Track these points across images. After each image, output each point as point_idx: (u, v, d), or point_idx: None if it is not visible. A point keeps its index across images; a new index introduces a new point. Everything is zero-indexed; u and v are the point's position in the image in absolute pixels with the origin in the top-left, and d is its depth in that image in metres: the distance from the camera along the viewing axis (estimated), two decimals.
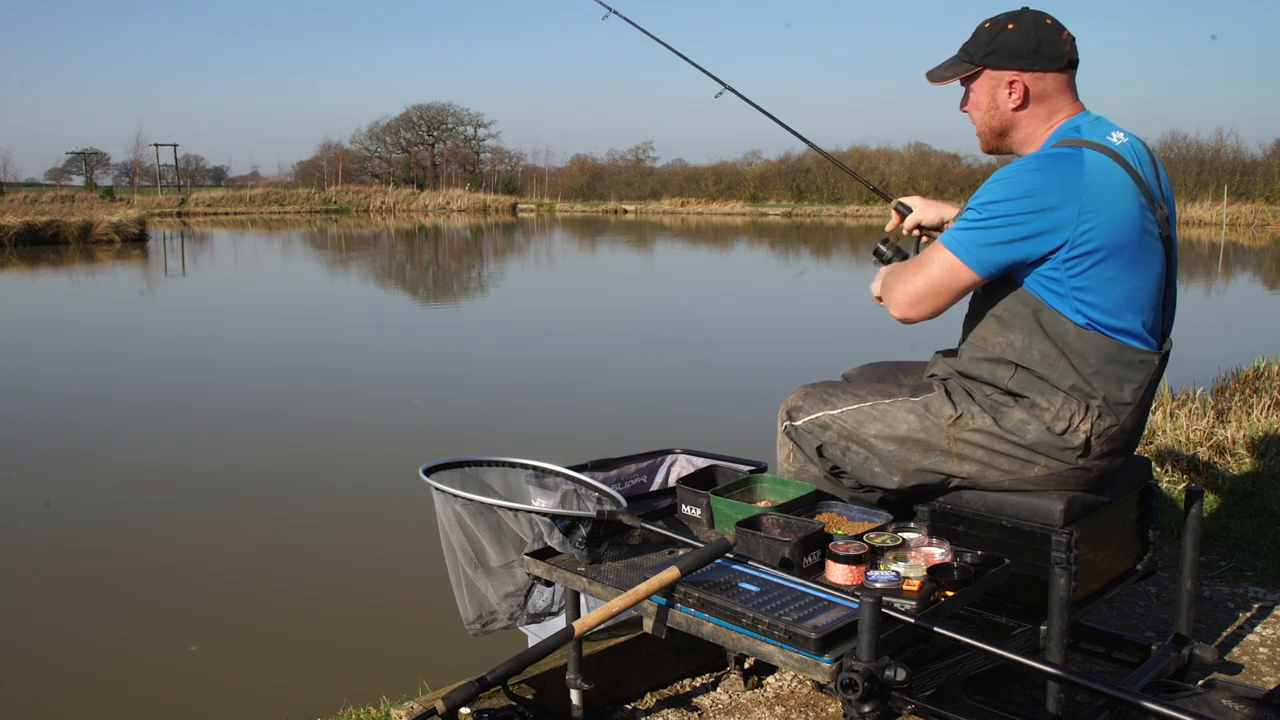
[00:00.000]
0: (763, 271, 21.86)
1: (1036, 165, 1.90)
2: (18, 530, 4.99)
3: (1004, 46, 1.98)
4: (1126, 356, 1.92)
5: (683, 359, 9.80)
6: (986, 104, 2.04)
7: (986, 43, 2.00)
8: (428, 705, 2.04)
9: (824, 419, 2.11)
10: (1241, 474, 4.09)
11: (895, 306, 2.01)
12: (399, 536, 4.64)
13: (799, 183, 51.02)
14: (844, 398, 2.11)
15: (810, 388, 2.19)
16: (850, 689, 1.46)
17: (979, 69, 2.02)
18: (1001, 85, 2.01)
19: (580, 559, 1.97)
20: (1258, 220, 34.31)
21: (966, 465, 2.00)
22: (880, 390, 2.11)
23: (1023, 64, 1.98)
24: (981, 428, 1.97)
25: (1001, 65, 1.99)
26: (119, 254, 24.58)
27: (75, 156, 61.53)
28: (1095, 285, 1.88)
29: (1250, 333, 10.58)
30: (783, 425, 2.21)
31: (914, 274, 1.97)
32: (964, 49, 2.05)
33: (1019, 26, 1.98)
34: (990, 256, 1.90)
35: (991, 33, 2.00)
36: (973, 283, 1.94)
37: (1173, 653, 2.25)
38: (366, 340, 11.46)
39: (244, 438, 6.87)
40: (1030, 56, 1.97)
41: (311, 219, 42.29)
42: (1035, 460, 1.96)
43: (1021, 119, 2.02)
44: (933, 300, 1.96)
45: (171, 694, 3.42)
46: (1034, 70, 1.98)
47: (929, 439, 2.01)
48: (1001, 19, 2.01)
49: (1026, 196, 1.86)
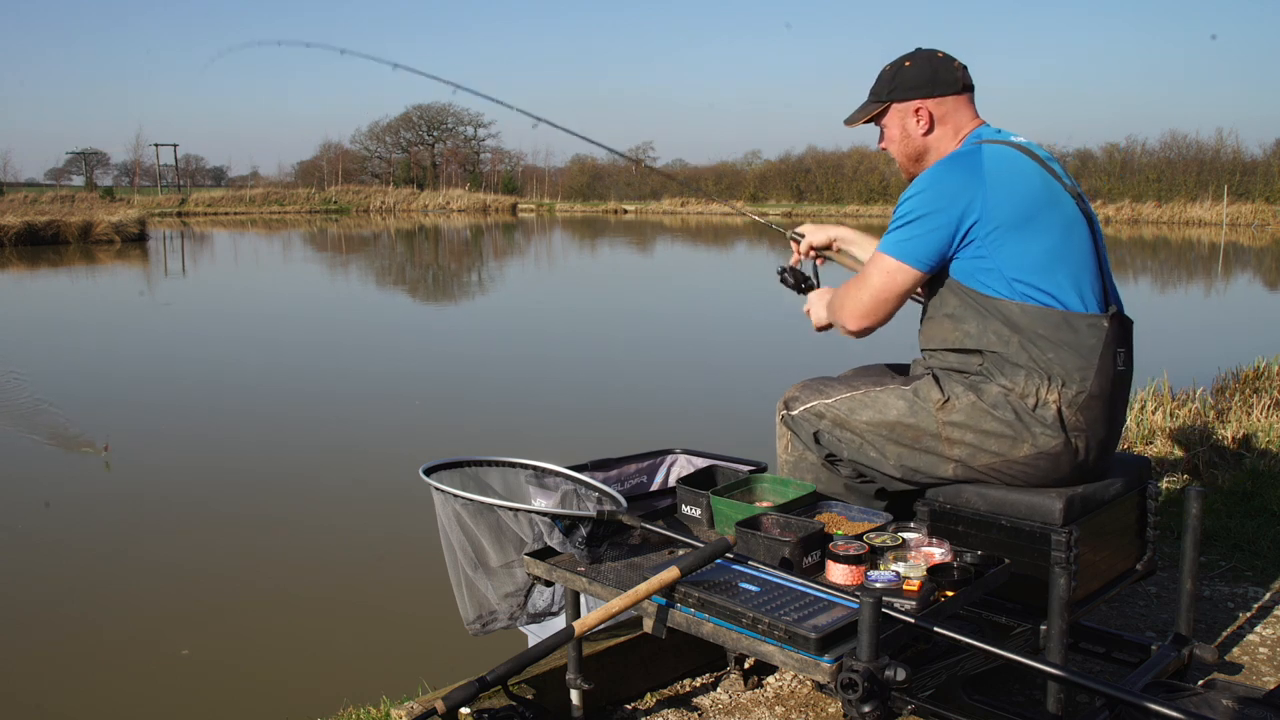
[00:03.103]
0: (763, 270, 21.85)
1: (943, 165, 2.09)
2: (18, 530, 4.99)
3: (904, 81, 2.18)
4: (1074, 322, 1.99)
5: (683, 359, 9.79)
6: (900, 135, 2.22)
7: (889, 81, 2.20)
8: (428, 705, 2.04)
9: (819, 408, 2.19)
10: (1241, 474, 4.09)
11: (848, 321, 2.14)
12: (399, 536, 4.64)
13: (799, 183, 51.04)
14: (838, 388, 2.20)
15: (807, 381, 2.28)
16: (850, 689, 1.46)
17: (886, 105, 2.21)
18: (909, 115, 2.19)
19: (580, 559, 1.97)
20: (1258, 220, 34.31)
21: (957, 449, 2.04)
22: (873, 380, 2.20)
23: (924, 92, 2.17)
24: (967, 407, 2.02)
25: (905, 97, 2.18)
26: (119, 254, 24.57)
27: (75, 156, 61.64)
28: (1016, 252, 2.00)
29: (1250, 333, 10.59)
30: (780, 415, 2.28)
31: (858, 288, 2.12)
32: (871, 92, 2.25)
33: (914, 63, 2.19)
34: (921, 249, 2.03)
35: (892, 72, 2.21)
36: (914, 279, 2.07)
37: (1173, 653, 2.25)
38: (367, 340, 11.46)
39: (244, 437, 6.87)
40: (929, 85, 2.17)
41: (311, 219, 42.28)
42: (1021, 437, 1.99)
43: (931, 142, 2.19)
44: (881, 308, 2.10)
45: (172, 694, 3.42)
46: (934, 96, 2.17)
47: (919, 423, 2.06)
48: (898, 60, 2.22)
49: (936, 189, 2.03)
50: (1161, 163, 40.19)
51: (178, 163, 58.24)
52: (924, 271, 2.06)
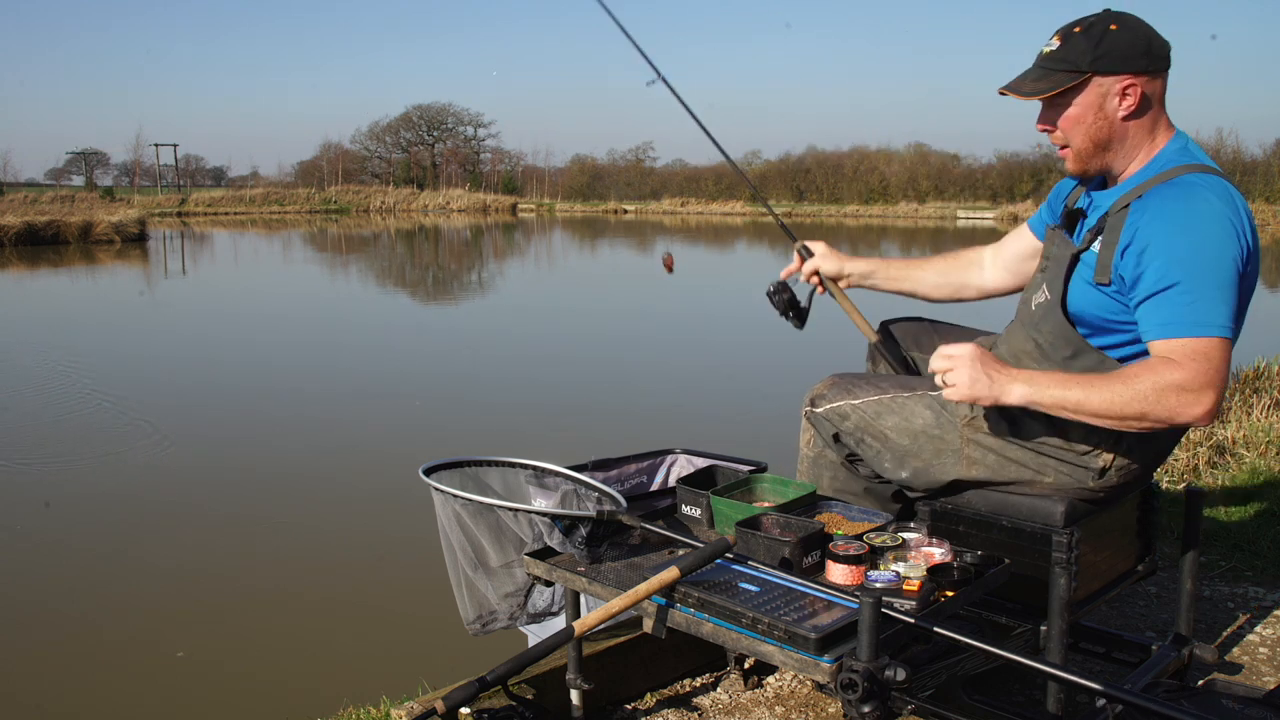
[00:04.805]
0: (763, 270, 21.85)
1: (1226, 204, 1.76)
2: (18, 530, 4.99)
3: (1114, 48, 1.80)
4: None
5: (683, 359, 9.79)
6: (1092, 115, 1.84)
7: (1091, 47, 1.80)
8: (428, 705, 2.04)
9: (844, 408, 2.10)
10: (1241, 474, 4.10)
11: (1204, 418, 1.73)
12: (399, 536, 4.64)
13: (799, 183, 51.04)
14: (866, 389, 2.09)
15: (837, 377, 2.17)
16: (850, 689, 1.46)
17: (1087, 75, 1.81)
18: (1113, 92, 1.82)
19: (580, 559, 1.97)
20: (1258, 220, 34.29)
21: (975, 469, 1.99)
22: (902, 383, 2.09)
23: (1138, 66, 1.80)
24: (995, 432, 1.95)
25: (1114, 69, 1.80)
26: (119, 254, 24.57)
27: (75, 156, 61.64)
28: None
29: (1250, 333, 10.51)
30: (804, 410, 2.20)
31: (1199, 380, 1.70)
32: (1055, 58, 1.84)
33: (1122, 27, 1.81)
34: (1238, 319, 1.77)
35: (1093, 36, 1.81)
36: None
37: (1173, 653, 2.25)
38: (367, 340, 11.46)
39: (243, 437, 6.87)
40: (1144, 57, 1.81)
41: (311, 219, 42.28)
42: (1045, 474, 1.95)
43: (1130, 129, 1.85)
44: (1222, 388, 1.74)
45: (172, 694, 3.41)
46: (1148, 73, 1.82)
47: (943, 435, 2.00)
48: (1098, 21, 1.83)
49: (1240, 241, 1.75)
50: None
51: (178, 163, 58.35)
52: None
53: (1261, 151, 40.16)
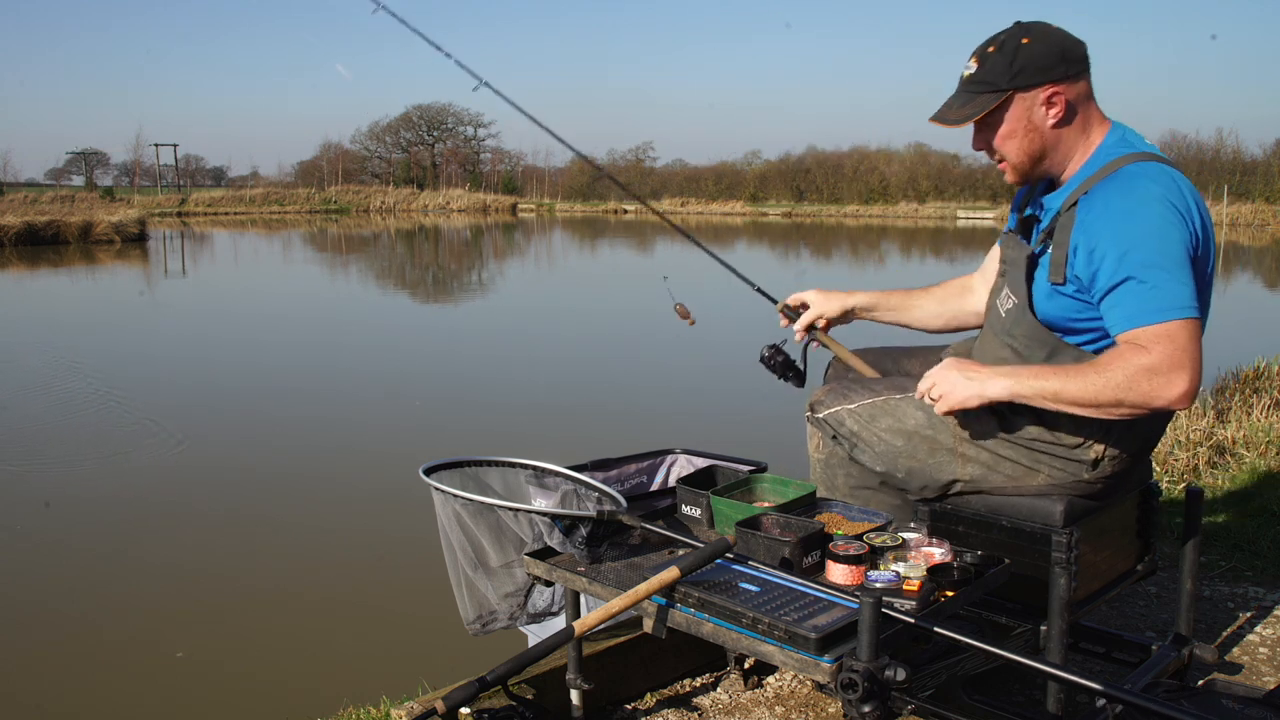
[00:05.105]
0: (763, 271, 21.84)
1: (1167, 189, 1.78)
2: (18, 530, 4.99)
3: (1030, 62, 1.82)
4: None
5: (683, 359, 9.79)
6: (1022, 129, 1.87)
7: (1008, 64, 1.82)
8: (428, 705, 2.04)
9: (841, 413, 2.12)
10: (1241, 474, 4.10)
11: (1182, 399, 1.73)
12: (399, 536, 4.64)
13: (799, 183, 51.05)
14: (861, 393, 2.12)
15: (834, 383, 2.21)
16: (850, 689, 1.46)
17: (1008, 93, 1.84)
18: (1038, 104, 1.85)
19: (580, 559, 1.97)
20: (1257, 220, 34.29)
21: (970, 467, 2.00)
22: (896, 385, 2.11)
23: (1056, 74, 1.83)
24: (987, 430, 1.97)
25: (1034, 82, 1.83)
26: (119, 254, 24.57)
27: (75, 156, 61.67)
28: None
29: (1250, 333, 10.56)
30: (807, 416, 2.21)
31: (1168, 362, 1.71)
32: (976, 80, 1.86)
33: (1034, 39, 1.83)
34: (1201, 298, 1.77)
35: (1007, 53, 1.83)
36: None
37: (1173, 653, 2.25)
38: (367, 340, 11.46)
39: (244, 437, 6.87)
40: (1061, 64, 1.83)
41: (311, 219, 42.28)
42: (1039, 469, 1.96)
43: (1063, 135, 1.88)
44: (1199, 369, 1.74)
45: (172, 694, 3.42)
46: (1067, 79, 1.84)
47: (935, 436, 2.01)
48: (1009, 38, 1.85)
49: (1186, 221, 1.76)
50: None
51: (178, 163, 58.37)
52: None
53: (1261, 151, 40.24)
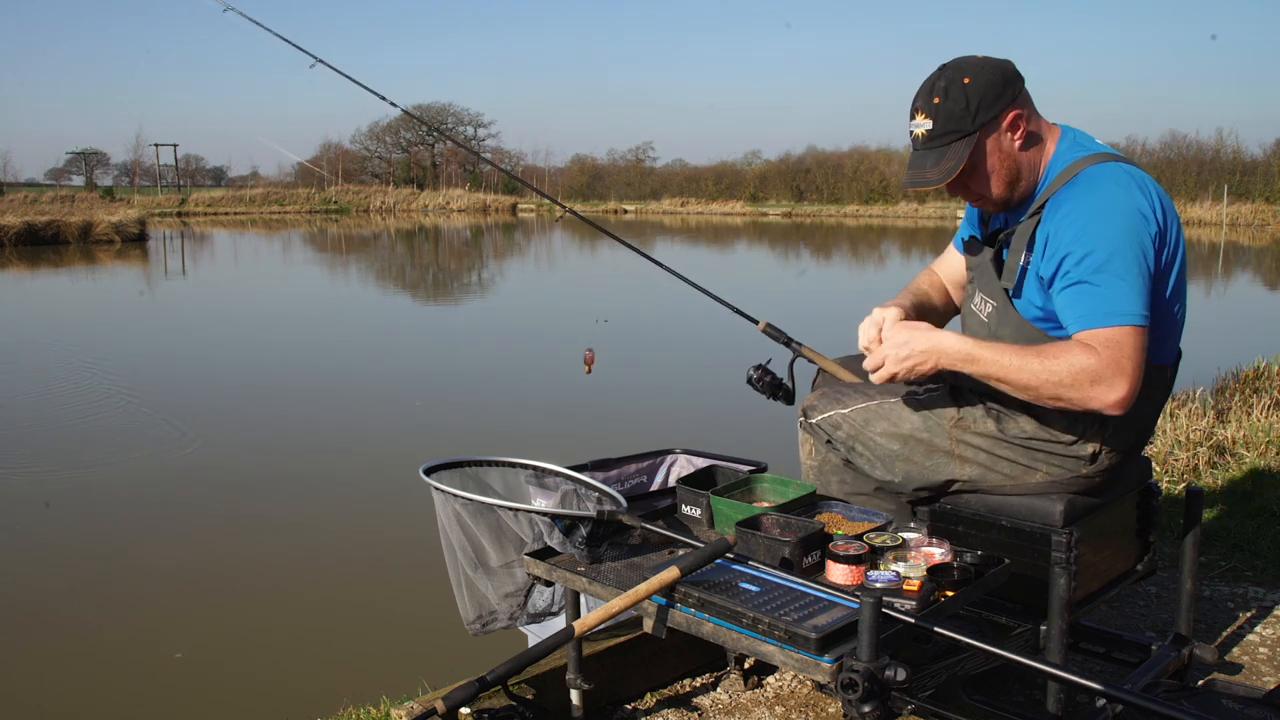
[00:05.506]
0: (762, 271, 21.85)
1: (1126, 190, 1.81)
2: (17, 530, 4.99)
3: (983, 97, 1.85)
4: (1153, 376, 1.87)
5: (683, 359, 9.79)
6: (997, 161, 1.89)
7: (964, 108, 1.85)
8: (428, 705, 2.04)
9: (835, 418, 2.12)
10: (1241, 474, 4.10)
11: (1117, 406, 1.75)
12: (399, 536, 4.64)
13: (799, 183, 51.03)
14: (855, 397, 2.12)
15: (827, 388, 2.21)
16: (850, 689, 1.46)
17: (975, 135, 1.86)
18: (1003, 132, 1.88)
19: (580, 559, 1.97)
20: (1257, 220, 34.31)
21: (968, 468, 2.00)
22: (889, 389, 2.10)
23: (1007, 98, 1.87)
24: (984, 431, 1.97)
25: (994, 114, 1.86)
26: (119, 254, 24.57)
27: (75, 156, 61.57)
28: (1161, 303, 1.86)
29: (1250, 333, 10.58)
30: (799, 422, 2.22)
31: (1111, 368, 1.73)
32: (939, 134, 1.87)
33: (973, 76, 1.86)
34: (1159, 304, 1.83)
35: (956, 97, 1.85)
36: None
37: (1173, 653, 2.25)
38: (367, 340, 11.46)
39: (244, 438, 6.87)
40: (1007, 87, 1.87)
41: (311, 219, 42.27)
42: (1037, 467, 1.97)
43: (1033, 155, 1.92)
44: (1139, 376, 1.76)
45: (172, 694, 3.41)
46: (1016, 99, 1.88)
47: (931, 439, 2.01)
48: (950, 84, 1.87)
49: (1149, 222, 1.80)
50: (1161, 163, 40.16)
51: (178, 163, 58.29)
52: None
53: (1261, 151, 40.16)
